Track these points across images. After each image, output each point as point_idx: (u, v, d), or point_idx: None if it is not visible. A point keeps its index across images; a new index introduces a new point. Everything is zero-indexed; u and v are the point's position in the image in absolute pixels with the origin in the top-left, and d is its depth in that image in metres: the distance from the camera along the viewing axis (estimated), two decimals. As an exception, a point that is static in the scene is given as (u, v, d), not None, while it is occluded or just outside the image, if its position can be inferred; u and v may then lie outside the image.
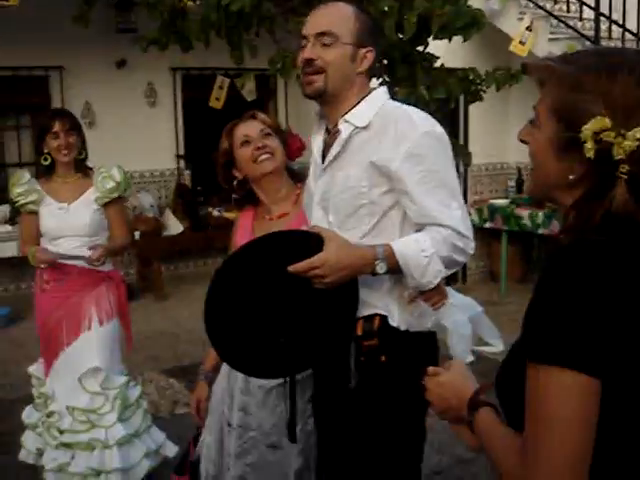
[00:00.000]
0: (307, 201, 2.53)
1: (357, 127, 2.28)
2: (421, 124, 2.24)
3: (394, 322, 2.31)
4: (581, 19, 7.15)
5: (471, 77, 3.83)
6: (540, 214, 7.47)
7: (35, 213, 3.85)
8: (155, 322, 7.22)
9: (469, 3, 3.50)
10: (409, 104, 2.55)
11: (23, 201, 3.84)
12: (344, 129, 2.30)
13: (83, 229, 3.81)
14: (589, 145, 1.24)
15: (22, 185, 3.86)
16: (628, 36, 6.81)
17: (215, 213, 8.64)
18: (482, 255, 8.64)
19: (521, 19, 6.94)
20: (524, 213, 7.61)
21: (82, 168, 3.91)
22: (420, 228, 2.24)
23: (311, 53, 2.27)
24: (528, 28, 6.85)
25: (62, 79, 7.95)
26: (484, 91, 3.93)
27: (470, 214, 8.34)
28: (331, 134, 2.38)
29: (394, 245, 2.17)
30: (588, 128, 1.23)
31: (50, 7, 7.24)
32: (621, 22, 6.77)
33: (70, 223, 3.79)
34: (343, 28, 2.27)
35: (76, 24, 4.89)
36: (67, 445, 3.74)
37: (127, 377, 3.95)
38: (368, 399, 2.35)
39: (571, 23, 6.99)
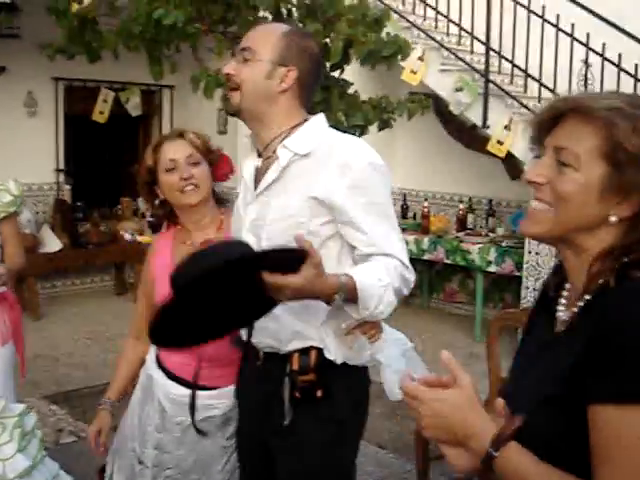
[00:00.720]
0: (235, 226, 2.43)
1: (296, 154, 2.21)
2: (364, 155, 2.20)
3: (330, 355, 2.25)
4: (472, 52, 7.34)
5: (384, 104, 3.82)
6: (426, 239, 7.57)
7: None
8: (31, 344, 6.85)
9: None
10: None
11: None
12: (282, 155, 2.22)
13: None
14: None
15: None
16: (516, 71, 7.06)
17: (127, 236, 8.36)
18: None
19: (413, 49, 7.06)
20: (410, 238, 7.64)
21: None
22: (363, 259, 2.18)
23: (229, 68, 2.25)
24: (420, 58, 6.98)
25: None
26: (394, 119, 3.94)
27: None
28: (264, 158, 2.30)
29: (355, 275, 2.08)
30: None
31: None
32: (510, 58, 7.00)
33: None
34: (263, 45, 2.22)
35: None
36: None
37: (24, 404, 3.70)
38: (302, 436, 2.27)
39: (462, 56, 7.17)
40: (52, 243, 7.94)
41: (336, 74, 3.71)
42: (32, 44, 7.37)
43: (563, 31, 6.56)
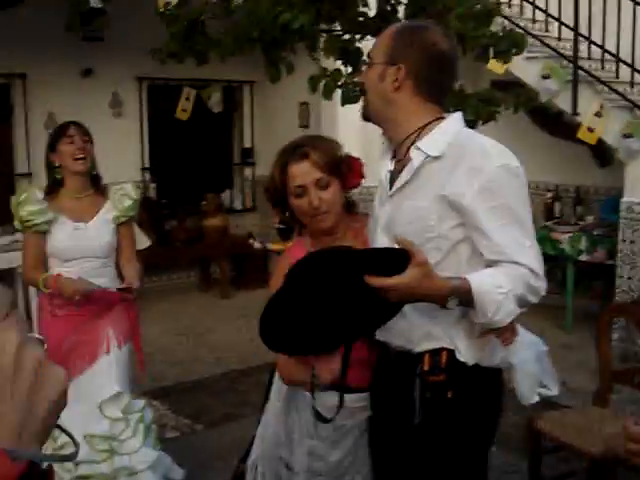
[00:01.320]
0: (371, 226, 2.43)
1: (429, 156, 2.18)
2: (496, 157, 2.15)
3: (461, 357, 2.23)
4: (559, 39, 7.21)
5: (490, 98, 3.77)
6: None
7: (44, 233, 3.57)
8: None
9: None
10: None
11: (37, 221, 3.53)
12: (415, 157, 2.20)
13: (102, 250, 3.60)
14: None
15: (35, 203, 3.55)
16: (607, 57, 6.90)
17: (257, 245, 8.51)
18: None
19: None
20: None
21: (96, 183, 3.69)
22: (490, 264, 2.14)
23: (360, 76, 2.47)
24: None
25: (25, 88, 7.65)
26: (499, 112, 3.89)
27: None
28: (397, 159, 2.30)
29: (471, 280, 2.06)
30: None
31: (12, 13, 6.96)
32: (600, 42, 6.84)
33: (89, 244, 3.57)
34: (378, 48, 2.28)
35: (67, 31, 4.67)
36: (85, 478, 3.52)
37: (144, 399, 3.79)
38: (432, 436, 2.27)
39: (549, 42, 7.04)
40: (141, 241, 8.06)
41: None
42: (116, 46, 7.52)
43: (656, 14, 6.40)
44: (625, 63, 6.75)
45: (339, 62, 3.55)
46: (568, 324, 7.16)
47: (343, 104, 3.38)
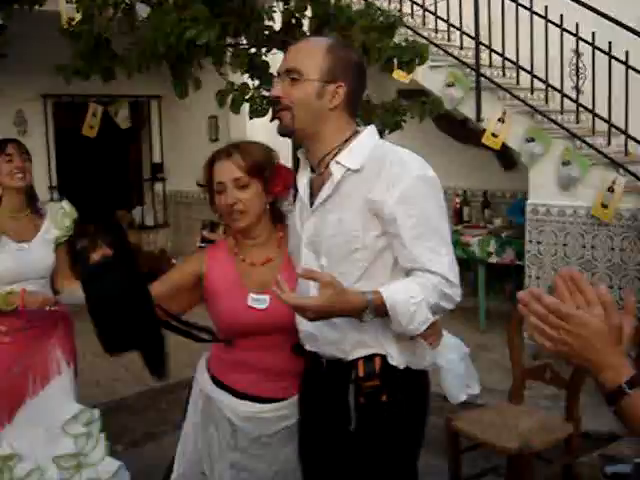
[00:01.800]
0: (293, 242, 2.47)
1: (349, 169, 2.24)
2: (414, 167, 2.22)
3: (393, 361, 2.29)
4: (462, 47, 7.40)
5: (396, 108, 3.86)
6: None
7: None
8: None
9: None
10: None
11: None
12: (336, 171, 2.25)
13: (46, 270, 3.53)
14: None
15: None
16: (508, 64, 7.12)
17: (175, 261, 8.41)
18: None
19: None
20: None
21: (33, 202, 3.61)
22: (407, 272, 2.22)
23: (278, 91, 2.27)
24: (409, 56, 7.01)
25: None
26: (405, 121, 3.98)
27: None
28: (317, 174, 2.34)
29: (384, 293, 2.13)
30: None
31: None
32: (500, 50, 7.06)
33: (32, 265, 3.47)
34: (310, 64, 2.23)
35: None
36: None
37: (97, 409, 3.73)
38: (368, 441, 2.32)
39: (452, 51, 7.22)
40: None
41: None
42: (19, 63, 7.36)
43: (552, 22, 6.62)
44: (525, 70, 6.98)
45: (246, 76, 3.59)
46: (482, 325, 7.35)
47: (251, 117, 3.41)
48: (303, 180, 2.40)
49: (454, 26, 7.47)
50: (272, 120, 3.36)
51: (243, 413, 2.57)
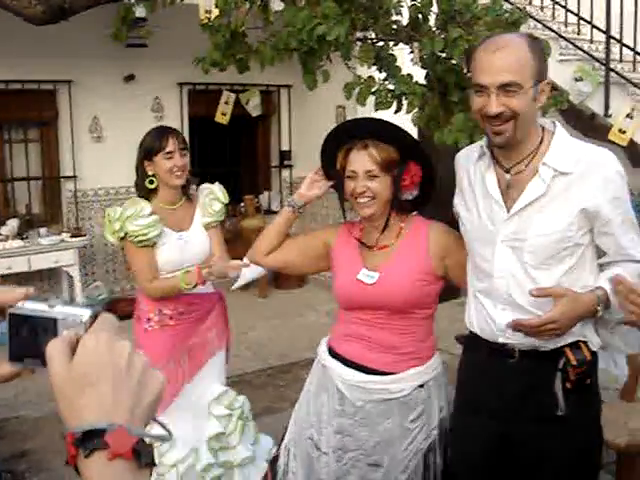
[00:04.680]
0: (477, 235, 2.51)
1: (559, 172, 2.30)
2: (618, 168, 2.33)
3: (594, 346, 2.42)
4: (592, 41, 7.30)
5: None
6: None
7: (152, 246, 3.46)
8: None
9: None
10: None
11: (150, 235, 3.42)
12: (544, 173, 2.32)
13: (205, 255, 3.55)
14: None
15: (144, 217, 3.42)
16: (639, 59, 6.97)
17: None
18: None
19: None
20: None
21: (186, 191, 3.61)
22: (605, 265, 2.40)
23: (497, 106, 2.23)
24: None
25: (70, 93, 7.92)
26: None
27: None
28: (514, 173, 2.39)
29: (606, 287, 2.27)
30: None
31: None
32: (632, 45, 6.92)
33: (193, 252, 3.52)
34: (523, 72, 2.23)
35: (115, 39, 4.88)
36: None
37: (243, 396, 3.85)
38: (574, 421, 2.42)
39: (581, 45, 7.13)
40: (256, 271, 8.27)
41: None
42: (158, 52, 7.74)
43: (688, 16, 6.46)
44: (657, 65, 6.83)
45: (373, 68, 3.72)
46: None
47: (377, 109, 3.53)
48: (491, 178, 2.43)
49: (584, 19, 7.37)
50: (396, 112, 3.50)
51: (349, 381, 2.78)
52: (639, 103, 6.71)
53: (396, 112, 3.66)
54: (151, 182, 3.49)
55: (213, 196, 3.67)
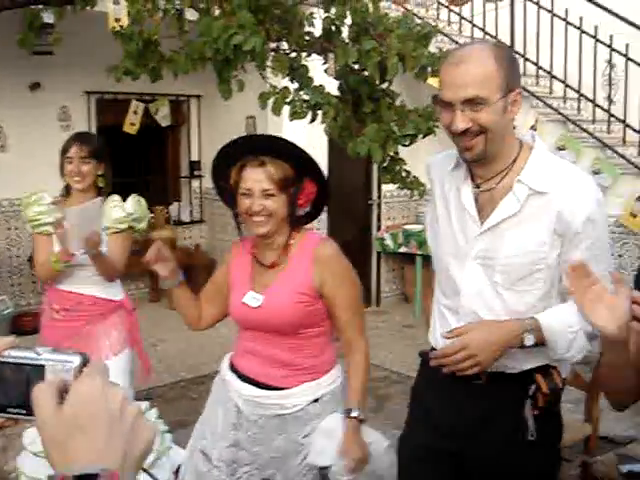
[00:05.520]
0: (444, 249, 2.39)
1: (534, 190, 2.17)
2: (595, 189, 2.22)
3: (565, 372, 2.33)
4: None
5: (430, 113, 3.99)
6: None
7: (50, 235, 3.62)
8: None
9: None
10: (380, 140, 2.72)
11: (42, 221, 3.62)
12: (519, 191, 2.19)
13: None
14: None
15: (42, 205, 3.66)
16: (541, 73, 7.22)
17: None
18: (396, 278, 8.94)
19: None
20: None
21: (98, 195, 3.70)
22: (563, 293, 2.20)
23: (464, 122, 2.11)
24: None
25: (-26, 101, 7.68)
26: (437, 127, 4.11)
27: (384, 239, 8.58)
28: (485, 189, 2.26)
29: (541, 319, 2.16)
30: None
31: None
32: (535, 60, 7.16)
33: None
34: (491, 87, 2.09)
35: (21, 46, 4.76)
36: None
37: (146, 402, 3.79)
38: (541, 447, 2.32)
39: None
40: (90, 253, 8.12)
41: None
42: (65, 60, 7.59)
43: (586, 33, 6.73)
44: (558, 79, 7.09)
45: (287, 79, 3.75)
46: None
47: (292, 119, 3.57)
48: (468, 192, 2.29)
49: (490, 34, 7.59)
50: (310, 122, 3.51)
51: (245, 396, 2.74)
52: (542, 115, 6.94)
53: (311, 122, 3.70)
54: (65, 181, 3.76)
55: (115, 204, 3.74)
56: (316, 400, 2.72)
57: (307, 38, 3.72)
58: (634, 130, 6.56)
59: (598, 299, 1.74)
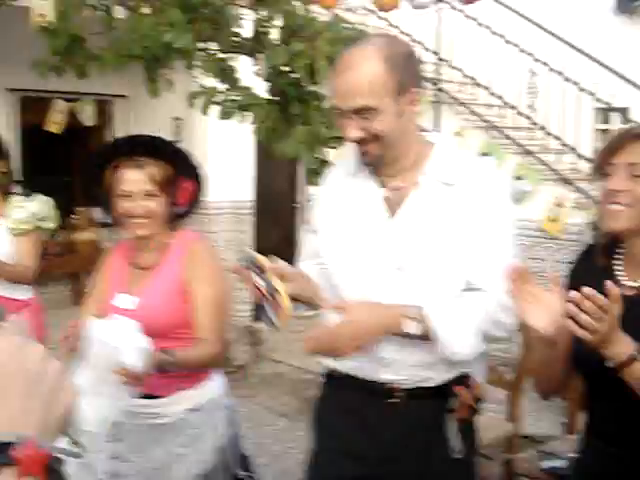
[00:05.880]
0: (344, 254, 2.19)
1: (440, 182, 2.08)
2: (499, 178, 2.16)
3: (479, 377, 2.21)
4: (422, 63, 7.63)
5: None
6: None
7: None
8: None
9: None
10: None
11: None
12: (425, 184, 2.10)
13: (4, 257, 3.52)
14: None
15: None
16: (467, 80, 7.37)
17: None
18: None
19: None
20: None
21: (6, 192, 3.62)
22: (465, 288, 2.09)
23: (355, 131, 2.01)
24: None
25: None
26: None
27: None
28: (393, 189, 2.14)
29: (427, 308, 2.01)
30: None
31: None
32: (460, 67, 7.30)
33: None
34: (380, 94, 1.98)
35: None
36: None
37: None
38: (467, 466, 2.23)
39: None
40: (10, 254, 7.94)
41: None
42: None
43: (510, 42, 6.90)
44: (482, 87, 7.25)
45: (214, 79, 3.73)
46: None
47: (221, 119, 3.55)
48: (373, 193, 2.16)
49: (416, 41, 7.69)
50: (240, 122, 3.50)
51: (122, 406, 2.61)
52: (466, 122, 7.07)
53: (240, 123, 3.69)
54: None
55: (17, 205, 3.64)
56: (195, 409, 2.66)
57: (237, 39, 3.71)
58: (555, 137, 6.74)
59: (535, 300, 1.78)
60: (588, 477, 2.06)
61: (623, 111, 6.75)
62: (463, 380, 2.14)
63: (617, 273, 1.94)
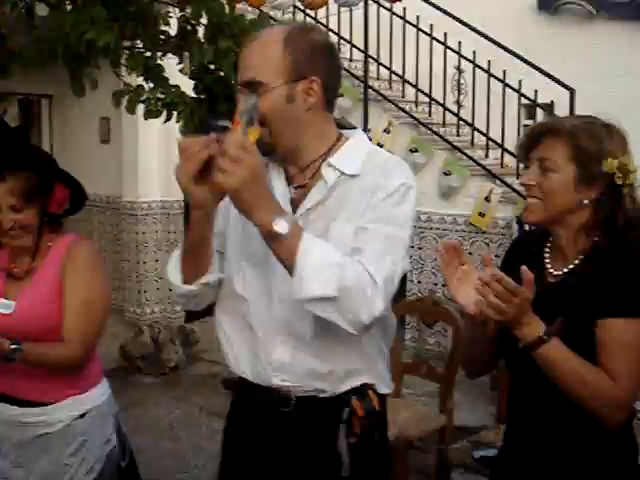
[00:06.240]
0: (245, 253, 2.03)
1: (344, 174, 1.95)
2: (408, 179, 1.94)
3: (385, 388, 2.07)
4: (351, 60, 7.70)
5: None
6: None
7: None
8: None
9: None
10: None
11: None
12: (327, 175, 1.96)
13: None
14: (618, 174, 1.88)
15: None
16: (394, 77, 7.47)
17: None
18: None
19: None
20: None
21: None
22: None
23: (243, 104, 1.84)
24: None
25: None
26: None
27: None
28: (298, 185, 2.01)
29: (306, 234, 1.80)
30: (611, 165, 1.88)
31: None
32: (388, 64, 7.38)
33: None
34: (270, 70, 1.89)
35: None
36: None
37: None
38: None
39: (343, 63, 7.47)
40: None
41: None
42: None
43: (436, 39, 6.99)
44: (410, 84, 7.32)
45: (142, 78, 3.68)
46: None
47: (146, 118, 3.50)
48: (279, 189, 2.00)
49: (344, 39, 7.75)
50: (165, 122, 3.47)
51: (4, 416, 2.54)
52: (395, 119, 7.14)
53: (166, 121, 3.65)
54: None
55: None
56: (82, 415, 2.57)
57: (162, 37, 3.67)
58: (481, 133, 6.86)
59: (465, 278, 1.88)
60: (510, 463, 2.10)
61: (548, 107, 6.89)
62: (361, 391, 1.99)
63: (545, 261, 2.05)
